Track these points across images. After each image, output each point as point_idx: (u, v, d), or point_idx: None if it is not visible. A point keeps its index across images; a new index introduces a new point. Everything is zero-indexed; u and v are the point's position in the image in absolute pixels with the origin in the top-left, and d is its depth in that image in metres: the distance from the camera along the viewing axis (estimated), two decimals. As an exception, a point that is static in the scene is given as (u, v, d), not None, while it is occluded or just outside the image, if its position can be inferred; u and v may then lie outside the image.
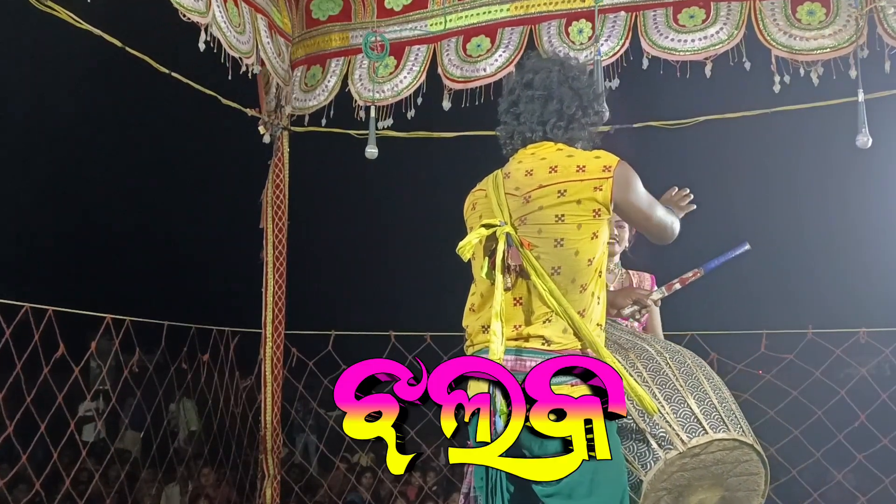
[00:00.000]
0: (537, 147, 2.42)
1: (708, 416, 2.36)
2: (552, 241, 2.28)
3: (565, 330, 2.24)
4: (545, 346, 2.23)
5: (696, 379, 2.48)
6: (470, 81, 4.29)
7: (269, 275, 4.71)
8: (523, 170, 2.38)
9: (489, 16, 4.35)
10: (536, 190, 2.32)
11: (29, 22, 3.10)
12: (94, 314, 4.03)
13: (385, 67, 4.50)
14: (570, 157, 2.35)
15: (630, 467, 2.29)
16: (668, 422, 2.32)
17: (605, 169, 2.29)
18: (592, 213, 2.28)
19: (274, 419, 4.68)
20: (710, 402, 2.41)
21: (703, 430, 2.32)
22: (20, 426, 3.66)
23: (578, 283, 2.26)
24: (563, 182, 2.29)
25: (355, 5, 4.62)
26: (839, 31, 3.73)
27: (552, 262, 2.27)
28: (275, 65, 4.36)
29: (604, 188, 2.28)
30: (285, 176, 4.77)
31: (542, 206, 2.30)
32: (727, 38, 3.88)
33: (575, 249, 2.26)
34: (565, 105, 2.41)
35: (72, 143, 11.43)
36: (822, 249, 10.44)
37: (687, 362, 2.54)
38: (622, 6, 4.07)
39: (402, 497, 6.16)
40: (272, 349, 4.71)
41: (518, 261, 2.28)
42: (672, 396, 2.38)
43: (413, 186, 13.18)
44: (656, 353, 2.52)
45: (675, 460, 2.29)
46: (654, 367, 2.46)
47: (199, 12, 3.55)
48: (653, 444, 2.31)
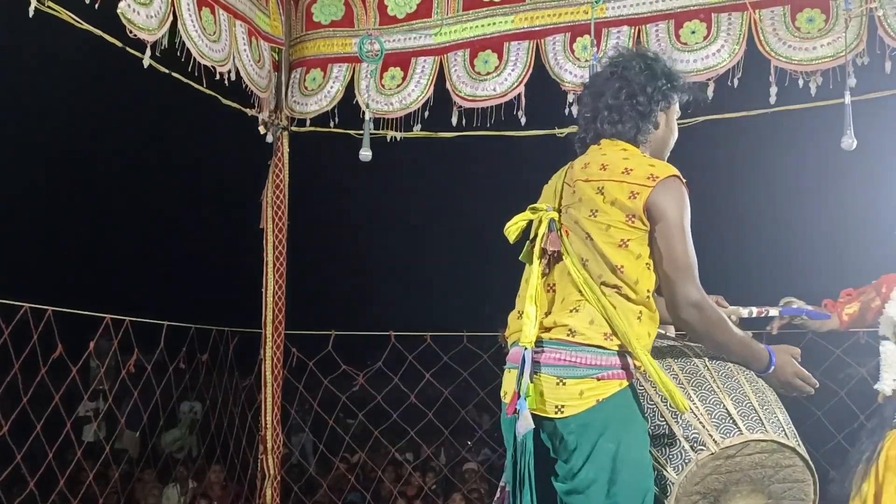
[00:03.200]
0: (605, 143, 2.38)
1: (745, 418, 2.24)
2: (583, 234, 2.25)
3: (592, 321, 2.18)
4: (570, 338, 2.18)
5: (736, 381, 2.35)
6: (479, 101, 4.31)
7: (269, 275, 4.71)
8: (583, 162, 2.36)
9: (493, 27, 4.36)
10: (583, 182, 2.29)
11: (29, 22, 3.10)
12: (93, 314, 4.03)
13: (392, 79, 4.52)
14: (625, 159, 2.28)
15: (661, 470, 2.22)
16: (702, 422, 2.22)
17: (651, 178, 2.20)
18: (626, 218, 2.20)
19: (274, 419, 4.68)
20: (750, 403, 2.29)
21: (738, 431, 2.21)
22: (16, 426, 3.66)
23: (609, 283, 2.19)
24: (605, 180, 2.25)
25: (357, 11, 4.62)
26: (838, 39, 3.74)
27: (581, 253, 2.25)
28: (250, 72, 4.33)
29: (639, 196, 2.18)
30: (285, 176, 4.77)
31: (582, 198, 2.28)
32: (728, 57, 3.91)
33: (600, 251, 2.21)
34: (611, 97, 2.36)
35: (72, 143, 11.44)
36: (822, 249, 10.44)
37: (728, 366, 2.40)
38: (625, 19, 4.09)
39: (402, 497, 6.16)
40: (272, 349, 4.70)
41: (556, 246, 2.27)
42: (707, 398, 2.28)
43: (413, 187, 13.19)
44: (695, 355, 2.42)
45: (708, 462, 2.19)
46: (691, 370, 2.35)
47: (147, 30, 3.51)
48: (684, 445, 2.22)
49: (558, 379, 2.16)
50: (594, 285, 2.19)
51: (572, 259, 2.24)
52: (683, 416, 2.22)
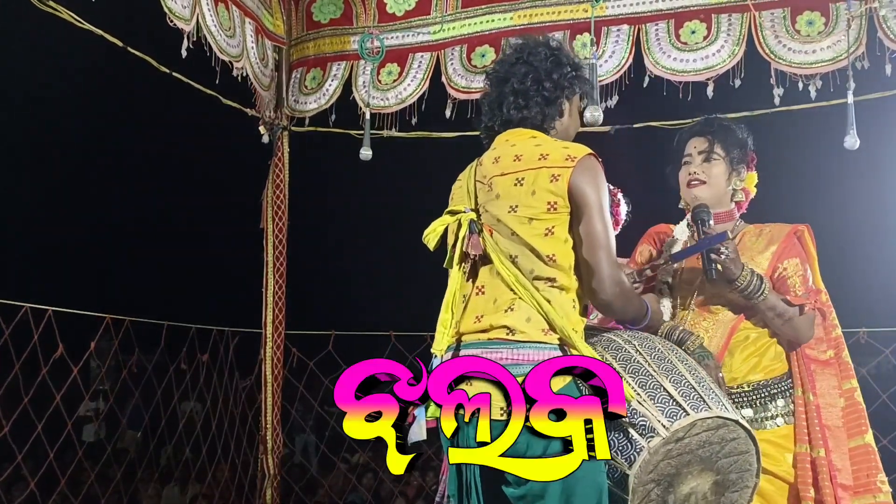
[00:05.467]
0: (511, 133, 2.31)
1: (687, 398, 2.22)
2: (508, 231, 2.18)
3: (529, 319, 2.12)
4: (509, 336, 2.11)
5: (670, 362, 2.34)
6: (473, 92, 4.29)
7: (269, 275, 4.71)
8: (493, 157, 2.29)
9: (492, 24, 4.35)
10: (498, 177, 2.23)
11: (29, 22, 3.10)
12: (93, 314, 4.04)
13: (389, 75, 4.51)
14: (537, 146, 2.23)
15: (612, 462, 2.16)
16: (647, 409, 2.18)
17: (569, 158, 2.16)
18: (547, 206, 2.15)
19: (274, 419, 4.68)
20: (688, 382, 2.27)
21: (683, 412, 2.18)
22: (17, 426, 3.66)
23: (542, 276, 2.15)
24: (522, 170, 2.19)
25: (356, 9, 4.62)
26: (838, 42, 3.74)
27: (509, 250, 2.18)
28: (256, 71, 4.35)
29: (561, 178, 2.14)
30: (285, 176, 4.77)
31: (499, 194, 2.21)
32: (728, 57, 3.90)
33: (528, 244, 2.15)
34: (517, 82, 2.28)
35: (72, 143, 11.44)
36: (822, 250, 10.42)
37: (657, 347, 2.39)
38: (624, 18, 4.09)
39: (402, 497, 6.16)
40: (272, 349, 4.70)
41: (478, 250, 2.18)
42: (647, 383, 2.24)
43: (413, 186, 13.18)
44: (624, 342, 2.38)
45: (660, 448, 2.15)
46: (625, 356, 2.32)
47: (183, 19, 3.57)
48: (633, 435, 2.16)
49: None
50: (526, 282, 2.13)
51: (500, 257, 2.17)
52: (629, 405, 2.14)
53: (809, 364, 2.74)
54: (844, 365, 2.82)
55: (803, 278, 2.73)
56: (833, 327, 2.83)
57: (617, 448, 2.17)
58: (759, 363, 2.71)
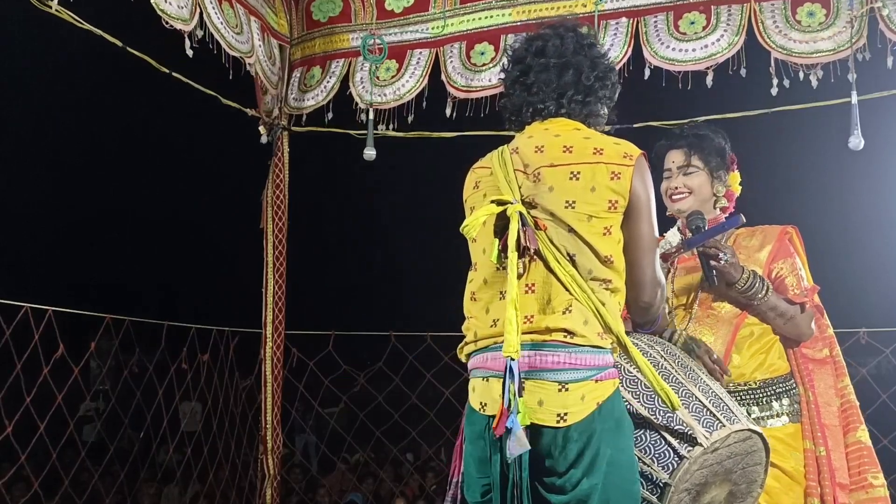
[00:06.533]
0: (551, 123, 2.19)
1: (718, 409, 2.21)
2: (565, 227, 2.05)
3: (586, 322, 2.01)
4: (568, 339, 2.00)
5: (693, 370, 2.32)
6: (473, 91, 4.28)
7: (269, 275, 4.71)
8: (533, 145, 2.14)
9: (491, 20, 4.34)
10: (547, 168, 2.09)
11: (29, 22, 3.10)
12: (94, 314, 4.04)
13: (387, 71, 4.49)
14: (586, 139, 2.12)
15: (649, 470, 2.13)
16: (686, 417, 2.14)
17: (626, 157, 2.07)
18: (608, 204, 2.04)
19: (274, 419, 4.68)
20: (714, 392, 2.26)
21: (720, 423, 2.16)
22: (20, 426, 3.66)
23: (599, 278, 2.04)
24: (577, 164, 2.07)
25: (355, 6, 4.62)
26: (839, 34, 3.73)
27: (569, 248, 2.04)
28: (265, 68, 4.35)
29: (622, 176, 2.04)
30: (285, 176, 4.77)
31: (553, 187, 2.07)
32: (728, 46, 3.87)
33: (588, 243, 2.04)
34: (583, 75, 2.17)
35: (72, 143, 11.45)
36: (822, 249, 10.43)
37: (677, 353, 2.37)
38: (623, 12, 4.08)
39: (402, 497, 6.16)
40: (272, 349, 4.70)
41: (535, 244, 2.02)
42: (678, 390, 2.20)
43: (413, 186, 13.19)
44: (647, 346, 2.35)
45: (699, 457, 2.13)
46: (653, 363, 2.25)
47: (182, 19, 3.56)
48: (673, 443, 2.13)
49: (560, 384, 1.98)
50: (583, 283, 2.02)
51: (556, 255, 2.04)
52: (675, 414, 2.14)
53: (807, 363, 2.76)
54: (838, 363, 2.84)
55: (799, 277, 2.75)
56: (827, 326, 2.86)
57: (653, 455, 2.14)
58: (764, 360, 2.71)
